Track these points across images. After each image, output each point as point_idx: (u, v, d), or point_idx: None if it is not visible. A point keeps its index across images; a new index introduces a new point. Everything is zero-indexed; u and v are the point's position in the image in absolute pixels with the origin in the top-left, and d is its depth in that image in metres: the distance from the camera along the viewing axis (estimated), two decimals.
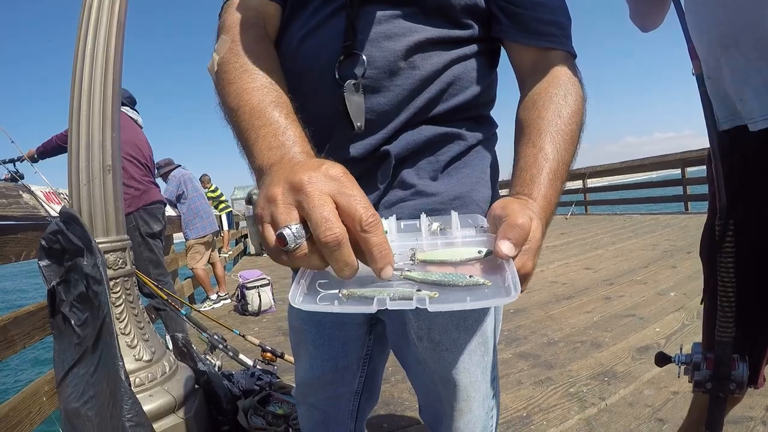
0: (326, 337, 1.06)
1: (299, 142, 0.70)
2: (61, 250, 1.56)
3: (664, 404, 2.25)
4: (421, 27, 0.86)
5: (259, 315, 5.14)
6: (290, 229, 0.51)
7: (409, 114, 0.87)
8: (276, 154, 0.67)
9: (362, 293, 0.57)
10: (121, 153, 3.79)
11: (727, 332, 1.04)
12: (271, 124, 0.72)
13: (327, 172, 0.53)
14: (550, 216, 0.76)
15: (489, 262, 0.61)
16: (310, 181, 0.52)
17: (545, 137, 0.79)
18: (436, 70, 0.87)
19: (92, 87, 1.85)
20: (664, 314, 3.61)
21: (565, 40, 0.90)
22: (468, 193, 0.90)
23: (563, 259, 6.48)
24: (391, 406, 2.54)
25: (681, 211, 10.93)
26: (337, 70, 0.85)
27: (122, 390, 1.37)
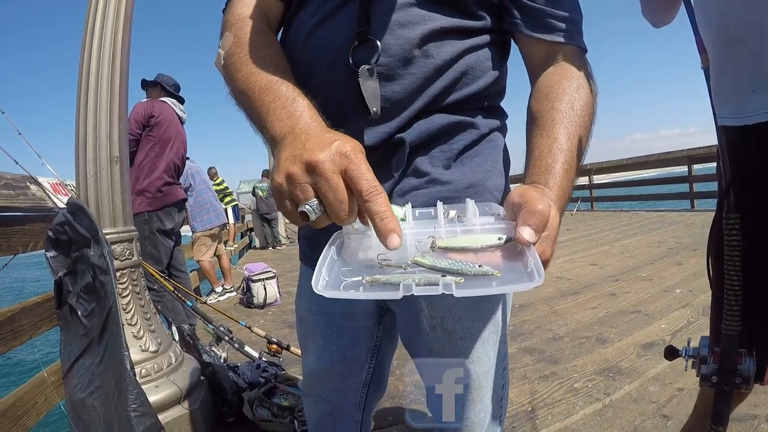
0: (335, 327, 1.06)
1: (308, 110, 0.73)
2: (68, 241, 1.57)
3: (669, 400, 2.24)
4: (435, 15, 0.86)
5: (265, 308, 5.15)
6: (310, 206, 0.58)
7: (423, 102, 0.87)
8: (287, 124, 0.71)
9: (387, 279, 0.58)
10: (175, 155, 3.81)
11: (734, 326, 1.04)
12: (280, 97, 0.75)
13: (339, 150, 0.58)
14: (564, 205, 0.76)
15: (509, 248, 0.62)
16: (323, 162, 0.57)
17: (559, 128, 0.80)
18: (450, 59, 0.87)
19: (99, 78, 1.86)
20: (670, 311, 3.59)
21: (577, 35, 0.90)
22: (482, 182, 0.90)
23: (569, 254, 6.47)
24: (397, 399, 2.54)
25: (687, 208, 10.88)
26: (351, 56, 0.85)
27: (127, 380, 1.38)
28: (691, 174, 10.80)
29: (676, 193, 11.67)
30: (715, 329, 1.22)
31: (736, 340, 1.04)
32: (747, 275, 1.04)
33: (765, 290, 1.12)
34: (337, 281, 0.61)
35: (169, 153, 3.74)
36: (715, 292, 1.24)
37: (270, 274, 5.30)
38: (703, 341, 1.12)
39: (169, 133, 3.73)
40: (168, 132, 3.71)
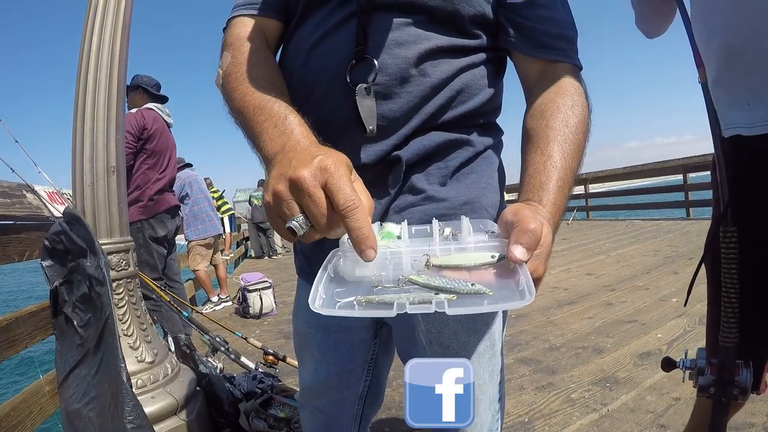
0: (332, 341, 1.06)
1: (299, 127, 0.74)
2: (64, 250, 1.57)
3: (666, 410, 2.24)
4: (431, 35, 0.87)
5: (261, 318, 5.13)
6: (296, 221, 0.59)
7: (419, 120, 0.88)
8: (278, 143, 0.72)
9: (380, 299, 0.59)
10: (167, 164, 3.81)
11: (731, 338, 1.04)
12: (272, 116, 0.77)
13: (319, 165, 0.59)
14: (558, 222, 0.77)
15: (502, 266, 0.63)
16: (305, 178, 0.58)
17: (554, 145, 0.81)
18: (446, 78, 0.88)
19: (97, 88, 1.86)
20: (666, 320, 3.60)
21: (572, 53, 0.92)
22: (477, 199, 0.91)
23: (565, 264, 6.48)
24: (393, 410, 2.53)
25: (683, 216, 10.92)
26: (348, 74, 0.86)
27: (123, 392, 1.37)
28: (687, 182, 10.85)
29: (671, 201, 11.72)
30: (711, 341, 1.23)
31: (734, 351, 1.05)
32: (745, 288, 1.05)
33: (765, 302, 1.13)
34: (334, 299, 0.62)
35: (162, 163, 3.74)
36: (711, 305, 1.24)
37: (266, 284, 5.30)
38: (700, 353, 1.12)
39: (161, 144, 3.73)
40: (160, 143, 3.71)
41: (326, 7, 0.91)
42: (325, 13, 0.90)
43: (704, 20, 1.15)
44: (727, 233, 1.06)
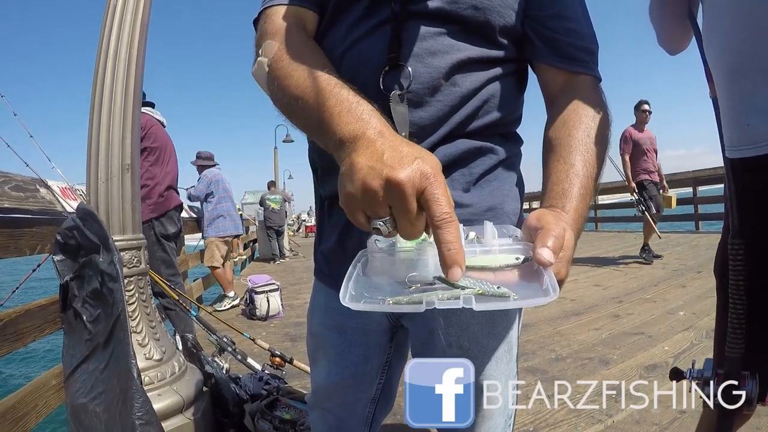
0: (348, 343, 1.07)
1: (375, 115, 0.71)
2: (76, 246, 1.58)
3: (671, 422, 2.23)
4: (463, 45, 0.89)
5: (267, 320, 5.14)
6: (383, 223, 0.60)
7: (447, 129, 0.89)
8: (357, 127, 0.69)
9: (409, 299, 0.60)
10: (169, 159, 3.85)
11: (737, 348, 1.05)
12: (343, 102, 0.73)
13: (420, 170, 0.58)
14: (580, 228, 0.78)
15: (526, 268, 0.65)
16: (404, 184, 0.57)
17: (576, 155, 0.82)
18: (475, 88, 0.90)
19: (114, 86, 1.87)
20: (673, 333, 3.58)
21: (594, 65, 0.94)
22: (500, 205, 0.94)
23: (573, 275, 6.44)
24: (399, 415, 2.52)
25: (692, 230, 10.84)
26: (381, 80, 0.87)
27: (134, 388, 1.38)
28: (696, 195, 10.76)
29: (680, 214, 11.62)
30: (719, 351, 1.23)
31: (739, 362, 1.05)
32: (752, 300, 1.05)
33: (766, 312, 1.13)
34: (361, 296, 0.63)
35: (164, 160, 3.78)
36: (719, 316, 1.24)
37: (274, 286, 5.31)
38: (707, 363, 1.12)
39: (159, 140, 3.77)
40: (158, 140, 3.75)
41: (356, 10, 0.91)
42: (356, 17, 0.91)
43: (712, 36, 1.17)
44: (735, 245, 1.06)
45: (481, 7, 0.87)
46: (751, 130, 1.08)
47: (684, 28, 1.33)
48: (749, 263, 1.05)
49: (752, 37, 1.04)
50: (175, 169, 3.94)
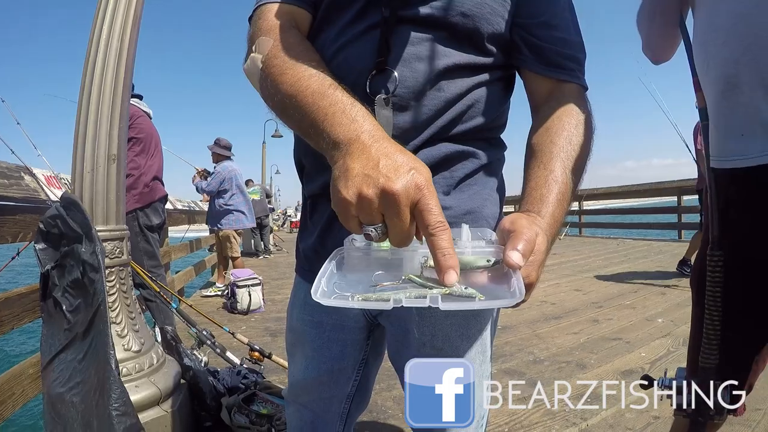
0: (326, 339, 1.08)
1: (368, 118, 0.72)
2: (58, 234, 1.57)
3: (645, 428, 2.26)
4: (451, 51, 0.90)
5: (248, 314, 5.12)
6: (374, 230, 0.62)
7: (430, 132, 0.91)
8: (351, 129, 0.70)
9: (378, 297, 0.62)
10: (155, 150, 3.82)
11: (711, 359, 1.07)
12: (337, 103, 0.74)
13: (414, 181, 0.60)
14: (555, 234, 0.80)
15: (496, 270, 0.66)
16: (399, 194, 0.59)
17: (556, 161, 0.84)
18: (460, 93, 0.91)
19: (104, 75, 1.87)
20: (651, 339, 3.62)
21: (580, 74, 0.96)
22: (479, 209, 0.95)
23: (554, 279, 6.50)
24: (374, 413, 2.54)
25: (675, 238, 10.95)
26: (368, 84, 0.88)
27: (111, 379, 1.38)
28: (681, 205, 10.88)
29: (664, 223, 11.76)
30: (692, 360, 1.25)
31: (713, 372, 1.07)
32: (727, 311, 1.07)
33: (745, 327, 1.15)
34: (335, 291, 0.65)
35: (149, 151, 3.75)
36: (694, 326, 1.26)
37: (256, 280, 5.29)
38: (679, 372, 1.14)
39: (145, 130, 3.74)
40: (143, 130, 3.72)
41: (348, 13, 0.92)
42: (347, 20, 0.92)
43: (704, 48, 1.17)
44: (714, 257, 1.08)
45: (470, 15, 0.88)
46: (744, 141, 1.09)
47: (672, 36, 1.34)
48: (727, 275, 1.07)
49: (751, 49, 1.05)
50: (161, 161, 3.92)
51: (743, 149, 1.09)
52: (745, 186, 1.11)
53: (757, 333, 1.17)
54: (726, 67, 1.10)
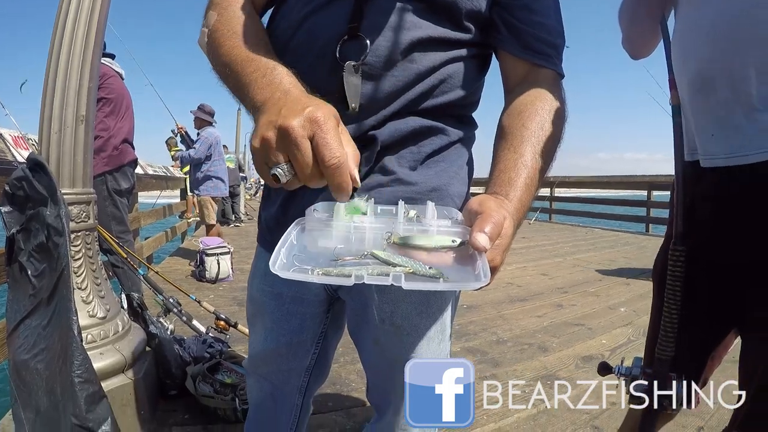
0: (285, 311, 1.08)
1: (286, 77, 0.75)
2: (24, 197, 1.53)
3: (602, 413, 2.33)
4: (426, 24, 0.89)
5: (216, 283, 5.10)
6: (281, 169, 0.61)
7: (399, 104, 0.90)
8: (267, 92, 0.73)
9: (339, 272, 0.61)
10: (125, 112, 3.71)
11: (667, 351, 1.09)
12: (260, 68, 0.78)
13: (309, 115, 0.61)
14: (521, 218, 0.80)
15: (461, 251, 0.66)
16: (293, 128, 0.60)
17: (527, 146, 0.84)
18: (432, 67, 0.90)
19: (75, 33, 1.80)
20: (612, 327, 3.71)
21: (557, 60, 0.95)
22: (445, 186, 0.94)
23: (522, 262, 6.59)
24: (338, 385, 2.57)
25: (642, 231, 11.11)
26: (338, 49, 0.87)
27: (74, 345, 1.36)
28: (650, 199, 11.03)
29: (633, 215, 11.94)
30: (649, 351, 1.28)
31: (668, 364, 1.10)
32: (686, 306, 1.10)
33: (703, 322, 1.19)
34: (294, 264, 0.64)
35: (120, 112, 3.65)
36: (653, 317, 1.30)
37: (225, 249, 5.25)
38: (636, 362, 1.18)
39: (116, 91, 3.63)
40: (114, 90, 3.61)
41: None
42: None
43: (682, 45, 1.18)
44: (677, 251, 1.10)
45: None
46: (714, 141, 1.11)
47: (652, 33, 1.34)
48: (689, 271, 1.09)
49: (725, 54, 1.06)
50: (131, 123, 3.80)
51: (713, 149, 1.11)
52: (711, 185, 1.13)
53: (714, 329, 1.20)
54: (701, 68, 1.11)
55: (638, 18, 1.35)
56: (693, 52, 1.14)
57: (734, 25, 1.05)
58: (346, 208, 0.72)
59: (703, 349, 1.21)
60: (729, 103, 1.06)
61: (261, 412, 1.24)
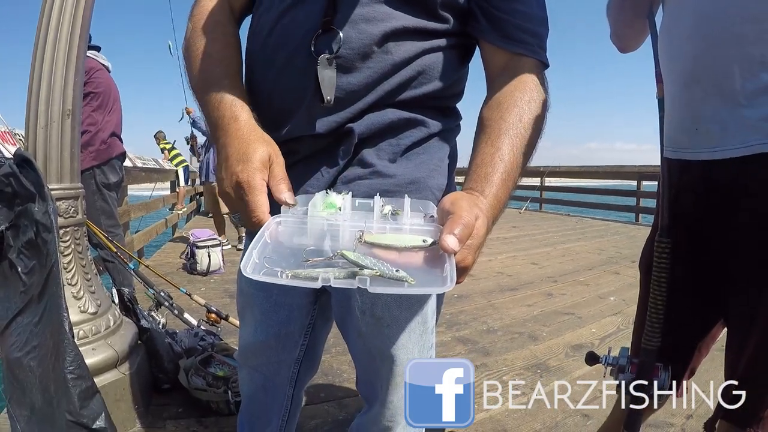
0: (273, 303, 1.09)
1: (228, 112, 0.85)
2: (12, 193, 1.53)
3: (591, 401, 2.35)
4: (400, 14, 0.88)
5: (208, 275, 5.09)
6: (235, 217, 0.65)
7: (376, 96, 0.89)
8: (219, 130, 0.84)
9: (307, 274, 0.61)
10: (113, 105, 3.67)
11: (653, 342, 1.11)
12: (213, 100, 0.87)
13: (236, 183, 0.76)
14: (498, 214, 0.80)
15: (432, 251, 0.66)
16: (230, 196, 0.78)
17: (504, 139, 0.83)
18: (408, 58, 0.89)
19: (60, 26, 1.79)
20: (602, 316, 3.75)
21: (539, 49, 0.93)
22: (424, 179, 0.93)
23: (512, 251, 6.63)
24: (330, 376, 2.58)
25: (632, 221, 11.18)
26: (313, 43, 0.86)
27: (65, 342, 1.36)
28: (640, 189, 11.09)
29: (623, 205, 12.00)
30: (636, 341, 1.30)
31: (654, 354, 1.12)
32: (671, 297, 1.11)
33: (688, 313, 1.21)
34: (264, 265, 0.64)
35: (107, 106, 3.61)
36: (640, 308, 1.31)
37: (215, 241, 5.25)
38: (623, 352, 1.19)
39: (103, 84, 3.59)
40: (101, 84, 3.57)
41: None
42: None
43: (670, 41, 1.19)
44: (662, 243, 1.11)
45: None
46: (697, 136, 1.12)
47: (640, 26, 1.34)
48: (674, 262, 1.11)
49: (710, 50, 1.07)
50: (119, 116, 3.77)
51: (697, 143, 1.12)
52: (695, 178, 1.15)
53: (700, 320, 1.22)
54: (687, 63, 1.12)
55: (626, 12, 1.35)
56: (678, 47, 1.15)
57: (712, 22, 1.06)
58: (323, 203, 0.72)
59: (690, 339, 1.24)
60: (713, 98, 1.07)
61: (253, 403, 1.25)
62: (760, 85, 1.01)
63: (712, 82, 1.07)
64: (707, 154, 1.09)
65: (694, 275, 1.18)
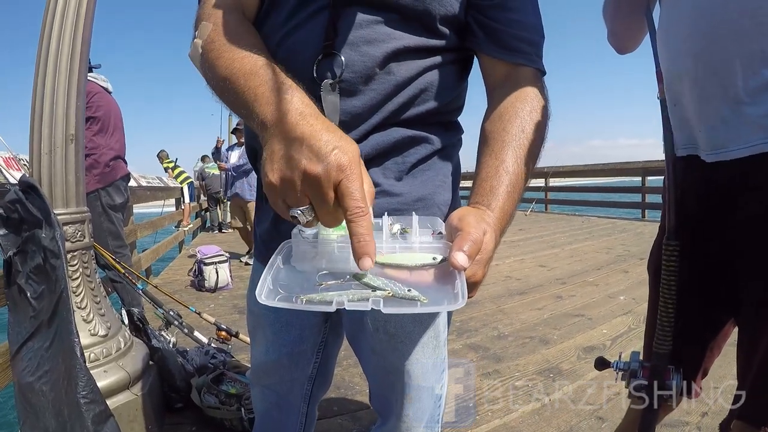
0: (284, 322, 1.09)
1: (297, 95, 0.70)
2: (19, 219, 1.54)
3: (606, 403, 2.35)
4: (400, 34, 0.88)
5: (216, 292, 5.10)
6: (302, 212, 0.61)
7: (380, 117, 0.89)
8: (277, 109, 0.68)
9: (321, 298, 0.61)
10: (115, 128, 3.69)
11: (665, 345, 1.10)
12: (267, 82, 0.73)
13: (336, 162, 0.59)
14: (505, 226, 0.80)
15: (442, 268, 0.66)
16: (320, 176, 0.59)
17: (508, 150, 0.83)
18: (411, 77, 0.89)
19: (60, 51, 1.81)
20: (612, 317, 3.73)
21: (537, 57, 0.93)
22: (431, 196, 0.94)
23: (519, 255, 6.62)
24: (342, 389, 2.58)
25: (638, 217, 11.17)
26: (315, 69, 0.86)
27: (77, 367, 1.37)
28: (645, 185, 11.06)
29: (629, 202, 11.96)
30: (647, 345, 1.29)
31: (666, 357, 1.11)
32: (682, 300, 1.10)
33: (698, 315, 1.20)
34: (278, 291, 0.64)
35: (108, 129, 3.63)
36: (650, 311, 1.30)
37: (223, 257, 5.26)
38: (633, 356, 1.19)
39: (103, 108, 3.61)
40: (101, 108, 3.59)
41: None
42: (295, 3, 0.89)
43: (668, 39, 1.18)
44: (669, 246, 1.11)
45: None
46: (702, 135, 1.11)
47: (638, 27, 1.33)
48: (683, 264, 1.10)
49: (710, 44, 1.06)
50: (122, 138, 3.79)
51: (701, 143, 1.12)
52: (699, 179, 1.14)
53: (711, 320, 1.21)
54: (687, 61, 1.11)
55: (622, 11, 1.35)
56: (678, 46, 1.15)
57: (711, 18, 1.05)
58: None
59: (701, 340, 1.22)
60: (715, 97, 1.06)
61: (267, 421, 1.25)
62: (762, 82, 0.99)
63: (714, 80, 1.06)
64: (713, 156, 1.08)
65: (702, 276, 1.17)
